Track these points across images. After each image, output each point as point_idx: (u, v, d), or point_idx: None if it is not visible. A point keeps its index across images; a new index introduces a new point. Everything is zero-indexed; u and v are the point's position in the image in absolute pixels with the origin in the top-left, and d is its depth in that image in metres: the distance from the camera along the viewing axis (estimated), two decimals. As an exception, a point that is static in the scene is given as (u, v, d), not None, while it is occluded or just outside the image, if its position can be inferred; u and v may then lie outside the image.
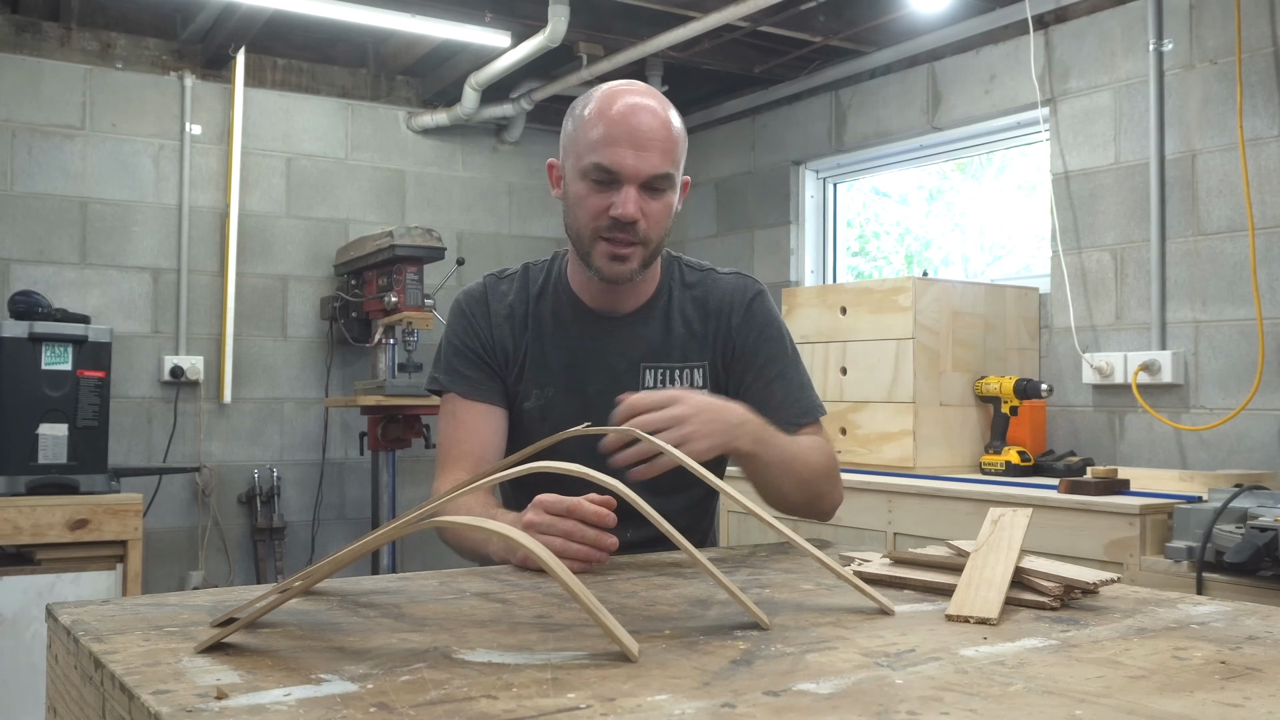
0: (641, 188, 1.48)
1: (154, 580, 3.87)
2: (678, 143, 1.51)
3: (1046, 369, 3.37)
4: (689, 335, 1.62)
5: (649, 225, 1.49)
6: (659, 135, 1.47)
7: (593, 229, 1.50)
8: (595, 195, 1.49)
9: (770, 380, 1.61)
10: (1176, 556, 2.30)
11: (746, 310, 1.63)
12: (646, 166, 1.46)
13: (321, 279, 4.42)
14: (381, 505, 4.13)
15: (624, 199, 1.46)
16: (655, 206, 1.49)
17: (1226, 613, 1.04)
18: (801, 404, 1.62)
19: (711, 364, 1.62)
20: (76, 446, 3.17)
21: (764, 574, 1.24)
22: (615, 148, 1.46)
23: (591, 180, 1.48)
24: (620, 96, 1.49)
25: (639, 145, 1.46)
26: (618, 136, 1.46)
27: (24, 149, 3.89)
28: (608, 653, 0.83)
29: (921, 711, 0.69)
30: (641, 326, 1.61)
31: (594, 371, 1.59)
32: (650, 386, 1.58)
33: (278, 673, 0.77)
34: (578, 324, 1.61)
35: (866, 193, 4.52)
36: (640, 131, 1.46)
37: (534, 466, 0.97)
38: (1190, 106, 3.05)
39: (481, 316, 1.62)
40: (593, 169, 1.47)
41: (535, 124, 4.80)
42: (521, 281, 1.65)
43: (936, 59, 3.81)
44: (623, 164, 1.46)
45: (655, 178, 1.47)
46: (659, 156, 1.47)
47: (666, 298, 1.63)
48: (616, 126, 1.46)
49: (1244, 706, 0.72)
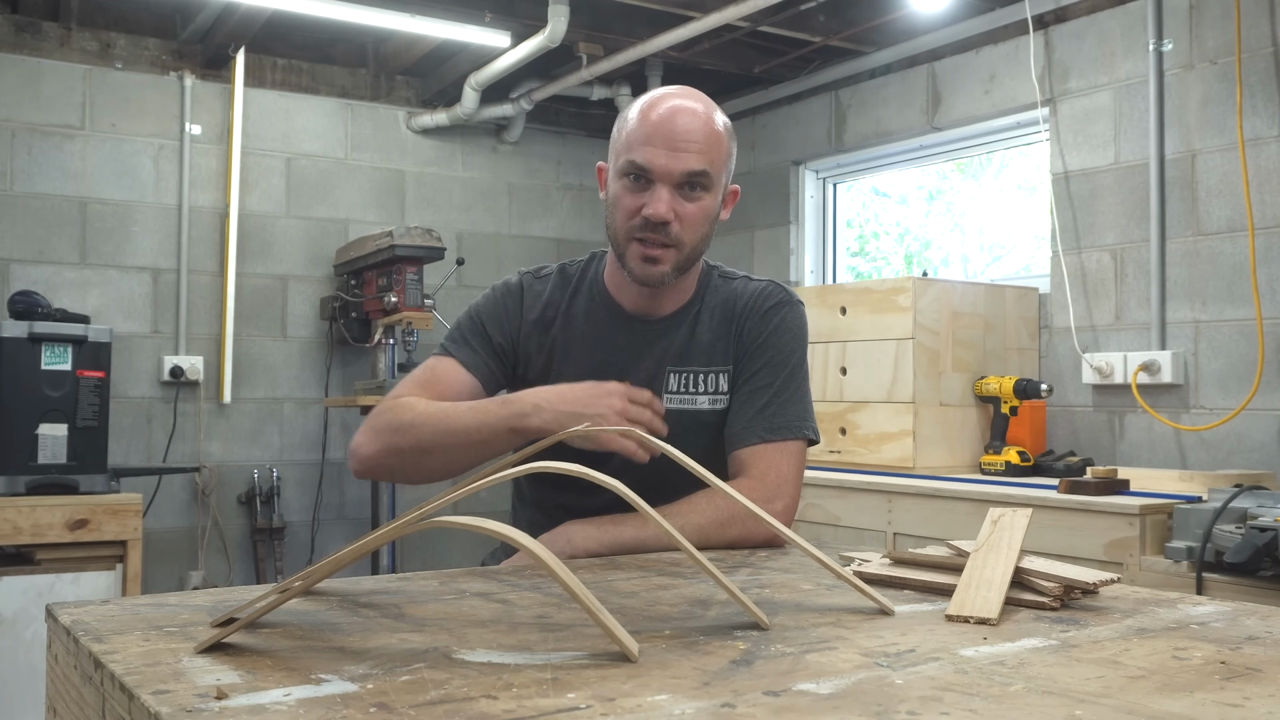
0: (677, 189, 1.47)
1: (154, 580, 3.87)
2: (718, 144, 1.49)
3: (1046, 369, 3.37)
4: (714, 339, 1.60)
5: (683, 227, 1.48)
6: (697, 135, 1.46)
7: (627, 229, 1.50)
8: (630, 195, 1.49)
9: (758, 388, 1.56)
10: (1176, 556, 2.30)
11: (764, 315, 1.60)
12: (679, 165, 1.46)
13: (321, 279, 4.42)
14: (381, 505, 4.13)
15: (655, 198, 1.46)
16: (690, 209, 1.48)
17: (1226, 613, 1.04)
18: (781, 419, 1.54)
19: (734, 366, 1.61)
20: (76, 446, 3.17)
21: (764, 574, 1.24)
22: (650, 146, 1.46)
23: (628, 179, 1.48)
24: (664, 100, 1.49)
25: (674, 145, 1.45)
26: (654, 136, 1.46)
27: (24, 149, 3.89)
28: (608, 653, 0.83)
29: (921, 711, 0.69)
30: (673, 331, 1.60)
31: (622, 373, 1.58)
32: (673, 389, 1.58)
33: (278, 673, 0.77)
34: (610, 325, 1.61)
35: (866, 193, 4.52)
36: (677, 131, 1.46)
37: (534, 466, 0.97)
38: (1190, 107, 3.05)
39: (513, 311, 1.62)
40: (627, 166, 1.48)
41: (535, 124, 4.80)
42: (557, 281, 1.65)
43: (936, 59, 3.81)
44: (654, 162, 1.45)
45: (690, 175, 1.46)
46: (694, 156, 1.46)
47: (699, 304, 1.62)
48: (655, 126, 1.47)
49: (1244, 706, 0.72)
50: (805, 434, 1.56)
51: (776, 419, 1.54)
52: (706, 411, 1.58)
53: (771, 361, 1.58)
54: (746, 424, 1.54)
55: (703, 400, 1.59)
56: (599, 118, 4.93)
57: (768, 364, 1.58)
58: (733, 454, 1.55)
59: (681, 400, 1.58)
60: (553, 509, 1.61)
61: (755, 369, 1.58)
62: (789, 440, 1.54)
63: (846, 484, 3.05)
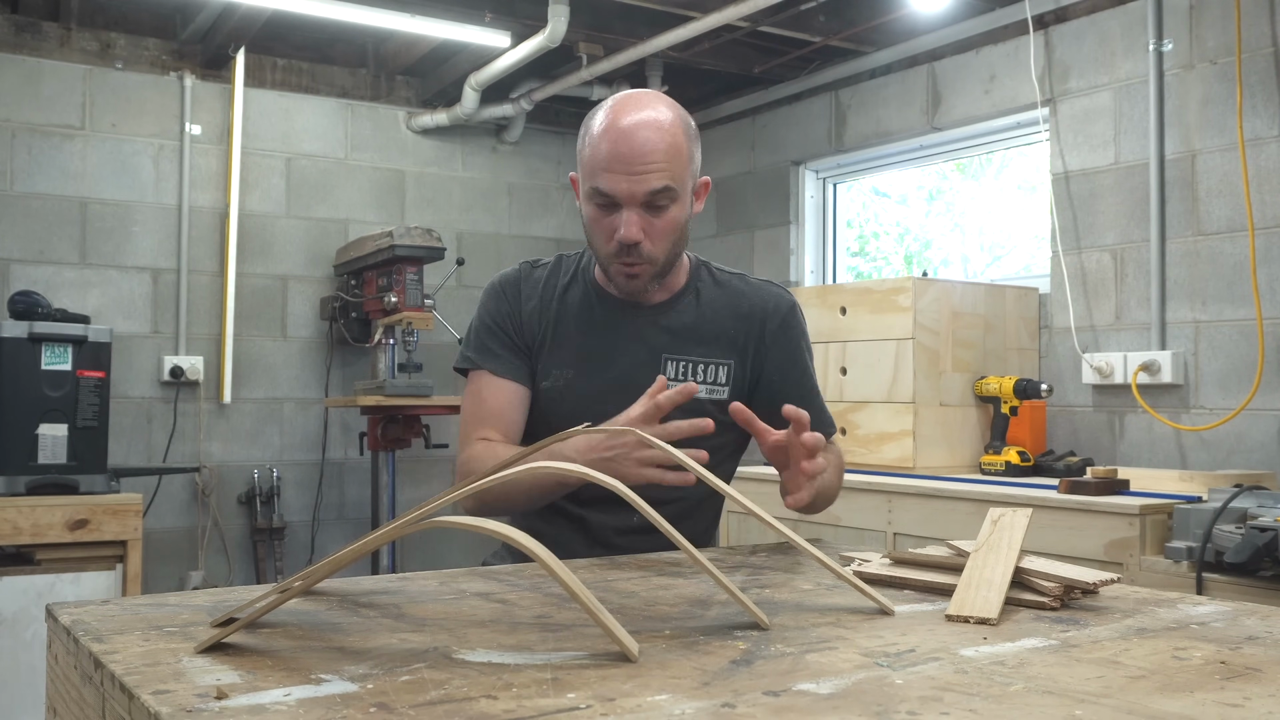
0: (643, 207, 1.50)
1: (154, 580, 3.87)
2: (677, 154, 1.51)
3: (1046, 369, 3.37)
4: (716, 332, 1.64)
5: (653, 244, 1.53)
6: (655, 154, 1.48)
7: (605, 252, 1.55)
8: (602, 218, 1.53)
9: (807, 393, 1.67)
10: (1176, 557, 2.30)
11: (783, 321, 1.68)
12: (642, 187, 1.49)
13: (321, 279, 4.42)
14: (381, 505, 4.13)
15: (625, 223, 1.50)
16: (659, 224, 1.52)
17: (1226, 613, 1.04)
18: (826, 420, 1.70)
19: (739, 364, 1.65)
20: (76, 446, 3.17)
21: (764, 574, 1.24)
22: (611, 173, 1.49)
23: (596, 204, 1.53)
24: (621, 115, 1.50)
25: (634, 168, 1.48)
26: (612, 161, 1.48)
27: (24, 149, 3.89)
28: (608, 653, 0.83)
29: (921, 711, 0.69)
30: (665, 317, 1.64)
31: (615, 357, 1.62)
32: (671, 376, 1.61)
33: (278, 673, 0.77)
34: (602, 310, 1.64)
35: (866, 193, 4.52)
36: (635, 153, 1.47)
37: (534, 466, 0.97)
38: (1190, 107, 3.05)
39: (513, 299, 1.66)
40: (593, 193, 1.52)
41: (535, 124, 4.80)
42: (554, 269, 1.70)
43: (936, 59, 3.81)
44: (618, 189, 1.49)
45: (653, 194, 1.49)
46: (655, 174, 1.48)
47: (695, 294, 1.66)
48: (614, 148, 1.49)
49: (1244, 706, 0.72)
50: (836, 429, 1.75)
51: (824, 422, 1.68)
52: (703, 400, 1.61)
53: (806, 367, 1.71)
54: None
55: (700, 390, 1.61)
56: (599, 118, 4.92)
57: (805, 371, 1.71)
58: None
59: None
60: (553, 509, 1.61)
61: (796, 376, 1.68)
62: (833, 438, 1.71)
63: (847, 484, 3.00)
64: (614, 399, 1.47)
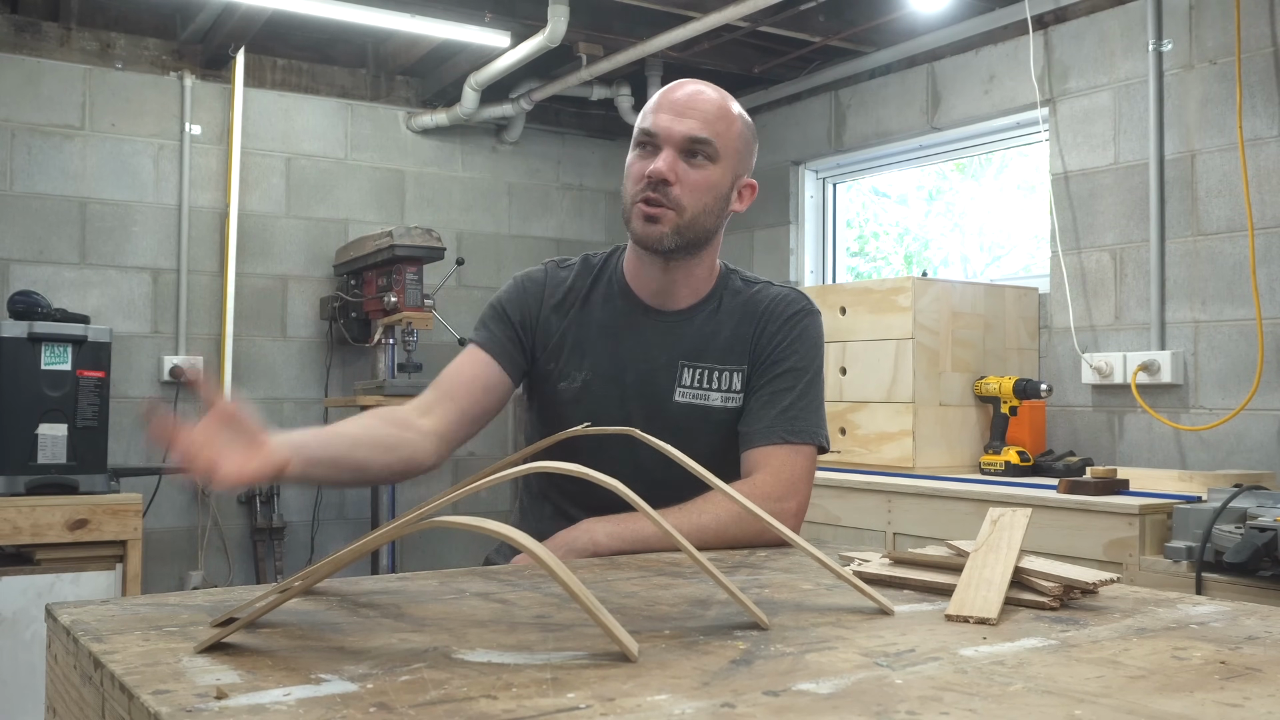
0: (681, 154, 1.52)
1: (154, 580, 3.87)
2: (726, 120, 1.54)
3: (1046, 369, 3.37)
4: (732, 339, 1.62)
5: (683, 191, 1.52)
6: (703, 105, 1.53)
7: (632, 193, 1.54)
8: (639, 161, 1.54)
9: (781, 390, 1.59)
10: (1176, 556, 2.30)
11: (786, 321, 1.63)
12: (681, 128, 1.51)
13: (321, 279, 4.42)
14: (381, 505, 4.13)
15: (660, 158, 1.51)
16: (693, 175, 1.52)
17: (1226, 613, 1.04)
18: (801, 423, 1.57)
19: (750, 367, 1.63)
20: (76, 446, 3.17)
21: (764, 574, 1.24)
22: (657, 112, 1.53)
23: (639, 149, 1.55)
24: (684, 81, 1.57)
25: (679, 110, 1.52)
26: (663, 104, 1.54)
27: (24, 149, 3.89)
28: (608, 653, 0.83)
29: (921, 711, 0.69)
30: (687, 324, 1.62)
31: (633, 361, 1.60)
32: (687, 384, 1.60)
33: (278, 673, 0.77)
34: (625, 313, 1.63)
35: (866, 193, 4.52)
36: (684, 99, 1.53)
37: (534, 466, 0.97)
38: (1190, 107, 3.05)
39: (534, 297, 1.65)
40: (638, 135, 1.54)
41: (535, 124, 4.80)
42: (580, 270, 1.68)
43: (936, 59, 3.81)
44: (659, 125, 1.52)
45: (693, 140, 1.51)
46: (698, 123, 1.51)
47: (717, 301, 1.64)
48: (666, 94, 1.55)
49: (1244, 706, 0.72)
50: (820, 440, 1.59)
51: (797, 422, 1.57)
52: (719, 409, 1.60)
53: (795, 367, 1.61)
54: (768, 424, 1.56)
55: (715, 397, 1.60)
56: (599, 118, 4.92)
57: (791, 369, 1.60)
58: (748, 452, 1.57)
59: (695, 395, 1.60)
60: (556, 510, 1.62)
61: (778, 372, 1.60)
62: (805, 444, 1.57)
63: (846, 484, 3.05)
64: (631, 402, 1.47)
